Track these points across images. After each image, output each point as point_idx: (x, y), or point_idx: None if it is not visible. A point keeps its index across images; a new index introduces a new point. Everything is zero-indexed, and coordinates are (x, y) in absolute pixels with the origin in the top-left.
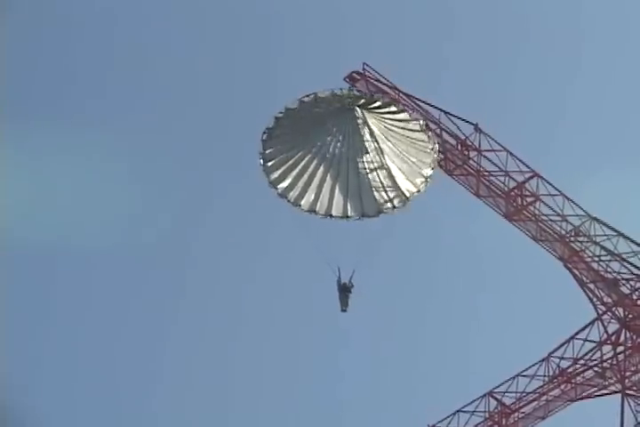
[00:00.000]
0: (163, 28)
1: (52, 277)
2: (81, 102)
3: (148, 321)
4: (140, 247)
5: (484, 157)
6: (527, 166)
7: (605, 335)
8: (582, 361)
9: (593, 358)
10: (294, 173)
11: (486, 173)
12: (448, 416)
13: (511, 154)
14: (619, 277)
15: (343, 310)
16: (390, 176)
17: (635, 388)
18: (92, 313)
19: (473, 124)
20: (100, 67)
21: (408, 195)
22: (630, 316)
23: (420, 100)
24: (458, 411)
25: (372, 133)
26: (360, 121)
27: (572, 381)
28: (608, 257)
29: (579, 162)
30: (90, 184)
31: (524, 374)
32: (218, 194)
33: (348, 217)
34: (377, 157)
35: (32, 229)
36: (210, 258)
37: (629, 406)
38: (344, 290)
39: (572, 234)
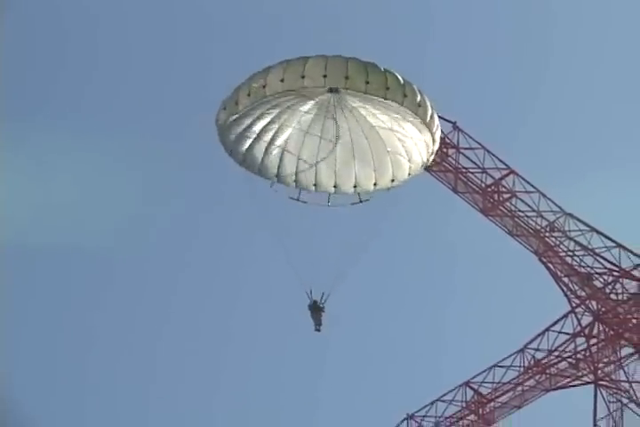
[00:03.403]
0: (166, 29)
1: (51, 275)
2: (82, 105)
3: (146, 319)
4: (139, 247)
5: (462, 154)
6: (504, 164)
7: (579, 328)
8: (557, 353)
9: (567, 349)
10: None
11: (464, 170)
12: (426, 405)
13: (488, 152)
14: (592, 271)
15: (317, 330)
16: None
17: (607, 379)
18: (92, 311)
19: (451, 123)
20: (99, 68)
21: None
22: (603, 309)
23: None
24: (436, 400)
25: None
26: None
27: (547, 371)
28: (582, 252)
29: (554, 160)
30: (90, 185)
31: (500, 364)
32: (216, 194)
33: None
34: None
35: (33, 228)
36: (205, 259)
37: (602, 396)
38: (316, 309)
39: (547, 229)
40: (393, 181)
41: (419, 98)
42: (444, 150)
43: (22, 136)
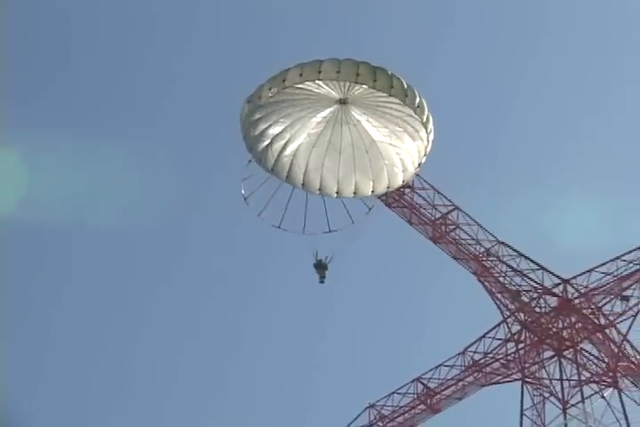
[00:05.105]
0: (171, 29)
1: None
2: (92, 107)
3: (149, 305)
4: (142, 232)
5: (416, 193)
6: (450, 201)
7: (509, 334)
8: (491, 355)
9: (499, 352)
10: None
11: (417, 206)
12: (385, 397)
13: (437, 191)
14: (520, 288)
15: (321, 282)
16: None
17: (532, 377)
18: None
19: None
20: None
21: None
22: (529, 319)
23: None
24: (393, 393)
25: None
26: None
27: (483, 370)
28: (512, 273)
29: (491, 198)
30: (100, 178)
31: (445, 364)
32: (214, 183)
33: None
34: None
35: (47, 215)
36: (205, 246)
37: (527, 390)
38: (320, 266)
39: (484, 254)
40: (389, 188)
41: (418, 100)
42: (402, 190)
43: (48, 136)
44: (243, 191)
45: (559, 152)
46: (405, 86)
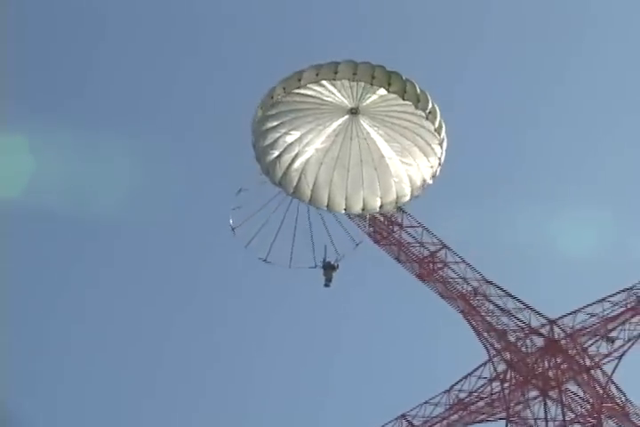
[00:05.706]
0: (175, 28)
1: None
2: (97, 100)
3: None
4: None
5: (405, 231)
6: (438, 239)
7: (495, 374)
8: (476, 393)
9: (485, 391)
10: None
11: (406, 244)
12: None
13: (426, 229)
14: (507, 328)
15: (326, 285)
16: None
17: (517, 416)
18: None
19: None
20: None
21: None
22: (515, 359)
23: None
24: None
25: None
26: None
27: (468, 409)
28: (499, 312)
29: (478, 236)
30: (103, 167)
31: (430, 401)
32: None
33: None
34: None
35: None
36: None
37: None
38: (329, 267)
39: (472, 293)
40: (397, 204)
41: (430, 106)
42: (391, 227)
43: (57, 130)
44: (231, 221)
45: (561, 168)
46: (419, 91)
